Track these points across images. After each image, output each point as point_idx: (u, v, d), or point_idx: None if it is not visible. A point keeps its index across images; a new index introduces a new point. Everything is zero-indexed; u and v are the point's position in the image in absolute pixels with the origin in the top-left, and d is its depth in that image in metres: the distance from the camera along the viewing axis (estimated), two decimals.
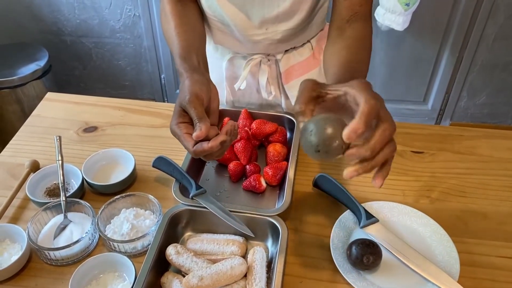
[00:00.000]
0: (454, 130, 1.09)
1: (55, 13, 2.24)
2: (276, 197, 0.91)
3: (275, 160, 0.94)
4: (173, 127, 0.70)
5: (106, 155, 0.96)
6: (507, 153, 1.02)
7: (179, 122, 0.69)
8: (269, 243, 0.82)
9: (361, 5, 0.83)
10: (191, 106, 0.67)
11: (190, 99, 0.68)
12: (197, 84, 0.71)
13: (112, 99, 1.18)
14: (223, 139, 0.66)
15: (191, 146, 0.67)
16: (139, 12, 2.19)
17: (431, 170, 0.97)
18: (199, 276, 0.70)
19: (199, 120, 0.66)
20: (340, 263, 0.77)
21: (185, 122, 0.69)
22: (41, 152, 1.00)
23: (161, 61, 2.36)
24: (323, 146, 0.58)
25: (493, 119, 2.44)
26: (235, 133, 0.69)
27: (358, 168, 0.57)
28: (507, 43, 2.13)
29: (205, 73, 0.79)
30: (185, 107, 0.68)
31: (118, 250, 0.79)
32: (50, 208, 0.83)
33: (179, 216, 0.82)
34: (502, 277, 0.77)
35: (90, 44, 2.35)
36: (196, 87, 0.70)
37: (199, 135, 0.66)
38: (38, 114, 1.13)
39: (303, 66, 1.02)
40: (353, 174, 0.58)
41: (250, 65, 0.99)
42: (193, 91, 0.69)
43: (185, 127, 0.69)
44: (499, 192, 0.93)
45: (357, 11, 0.83)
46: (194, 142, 0.67)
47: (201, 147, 0.66)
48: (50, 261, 0.78)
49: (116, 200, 0.85)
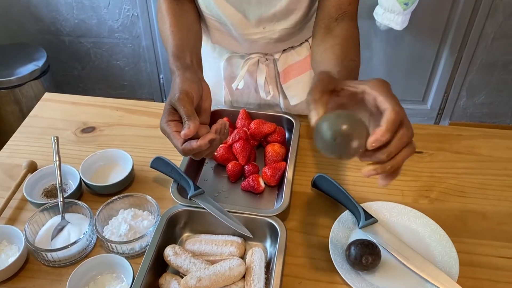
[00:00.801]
0: (453, 129, 1.09)
1: (53, 13, 2.23)
2: (274, 198, 0.91)
3: (273, 160, 0.94)
4: (162, 125, 0.69)
5: (104, 156, 0.95)
6: (506, 153, 1.01)
7: (169, 120, 0.69)
8: (268, 244, 0.81)
9: (350, 3, 0.82)
10: (180, 104, 0.67)
11: (180, 96, 0.68)
12: (187, 82, 0.71)
13: (110, 99, 1.17)
14: (212, 137, 0.66)
15: (180, 144, 0.67)
16: (137, 12, 2.19)
17: (430, 170, 0.97)
18: (197, 277, 0.70)
19: (188, 118, 0.66)
20: (339, 264, 0.76)
21: (175, 120, 0.69)
22: (39, 153, 1.00)
23: (160, 61, 2.36)
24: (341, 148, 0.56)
25: (492, 119, 2.44)
26: (226, 132, 0.69)
27: (377, 168, 0.57)
28: (506, 42, 2.12)
29: (198, 71, 0.79)
30: (175, 105, 0.68)
31: (116, 251, 0.79)
32: (47, 209, 0.83)
33: (177, 217, 0.82)
34: (501, 277, 0.77)
35: (89, 44, 2.34)
36: (186, 85, 0.70)
37: (187, 133, 0.65)
38: (36, 114, 1.13)
39: (301, 66, 1.02)
40: (372, 173, 0.58)
41: (247, 64, 0.99)
42: (183, 89, 0.69)
43: (174, 125, 0.68)
44: (498, 192, 0.92)
45: (345, 10, 0.82)
46: (183, 141, 0.67)
47: (190, 145, 0.66)
48: (47, 263, 0.78)
49: (114, 201, 0.84)
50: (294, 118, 1.02)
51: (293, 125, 1.00)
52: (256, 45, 0.95)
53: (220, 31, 0.95)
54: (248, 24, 0.91)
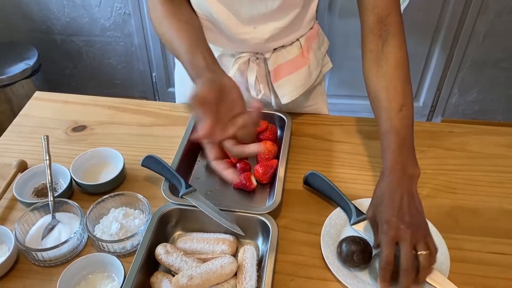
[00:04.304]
0: (444, 126, 1.09)
1: (44, 12, 2.21)
2: (266, 195, 0.91)
3: (265, 158, 0.94)
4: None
5: (95, 155, 0.95)
6: (497, 149, 1.02)
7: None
8: (260, 242, 0.81)
9: (389, 15, 0.84)
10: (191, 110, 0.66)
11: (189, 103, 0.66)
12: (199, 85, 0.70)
13: (101, 98, 1.17)
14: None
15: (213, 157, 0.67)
16: (129, 10, 2.18)
17: (421, 167, 0.96)
18: (188, 276, 0.70)
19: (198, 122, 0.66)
20: (330, 261, 0.77)
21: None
22: (29, 152, 0.99)
23: (152, 59, 2.35)
24: None
25: (484, 116, 2.45)
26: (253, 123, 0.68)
27: None
28: (497, 40, 2.14)
29: (213, 67, 0.76)
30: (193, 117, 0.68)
31: (107, 250, 0.78)
32: (37, 208, 0.82)
33: (169, 216, 0.81)
34: (492, 273, 0.77)
35: (81, 43, 2.33)
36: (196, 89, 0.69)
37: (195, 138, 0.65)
38: (26, 113, 1.12)
39: (292, 65, 1.02)
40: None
41: (238, 63, 0.98)
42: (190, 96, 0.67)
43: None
44: (489, 188, 0.93)
45: (386, 23, 0.85)
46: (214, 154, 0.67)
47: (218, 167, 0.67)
48: (38, 262, 0.77)
49: (105, 200, 0.84)
50: (286, 116, 1.01)
51: (285, 122, 1.00)
52: (246, 44, 0.95)
53: (211, 30, 0.95)
54: (239, 24, 0.91)
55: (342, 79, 2.09)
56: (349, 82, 2.20)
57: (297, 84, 1.04)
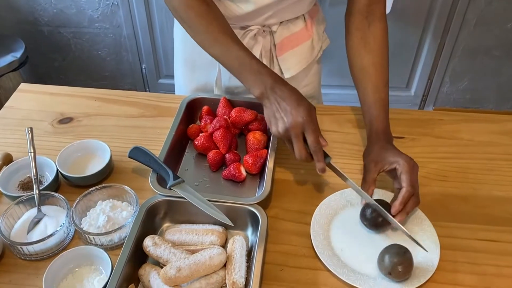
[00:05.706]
0: (435, 114, 1.09)
1: (30, 3, 2.17)
2: (256, 186, 0.90)
3: (255, 148, 0.93)
4: None
5: (81, 147, 0.93)
6: (487, 137, 1.02)
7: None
8: (249, 232, 0.81)
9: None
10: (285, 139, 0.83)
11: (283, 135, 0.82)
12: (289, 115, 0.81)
13: (88, 89, 1.15)
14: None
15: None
16: (117, 0, 2.14)
17: (412, 155, 0.95)
18: (177, 267, 0.69)
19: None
20: (320, 250, 0.76)
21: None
22: (15, 145, 0.98)
23: (142, 50, 2.32)
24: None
25: (475, 104, 2.45)
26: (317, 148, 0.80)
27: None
28: (487, 28, 2.13)
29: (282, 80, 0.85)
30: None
31: (94, 243, 0.77)
32: (23, 201, 0.81)
33: (157, 207, 0.80)
34: (481, 260, 0.77)
35: (69, 35, 2.29)
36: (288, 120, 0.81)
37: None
38: (11, 105, 1.10)
39: (296, 38, 1.04)
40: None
41: (247, 36, 0.99)
42: (284, 129, 0.81)
43: None
44: (479, 175, 0.93)
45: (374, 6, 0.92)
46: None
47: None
48: (24, 256, 0.76)
49: (91, 192, 0.83)
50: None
51: None
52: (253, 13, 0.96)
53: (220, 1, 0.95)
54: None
55: (332, 69, 2.07)
56: (339, 72, 2.19)
57: (300, 58, 1.07)
